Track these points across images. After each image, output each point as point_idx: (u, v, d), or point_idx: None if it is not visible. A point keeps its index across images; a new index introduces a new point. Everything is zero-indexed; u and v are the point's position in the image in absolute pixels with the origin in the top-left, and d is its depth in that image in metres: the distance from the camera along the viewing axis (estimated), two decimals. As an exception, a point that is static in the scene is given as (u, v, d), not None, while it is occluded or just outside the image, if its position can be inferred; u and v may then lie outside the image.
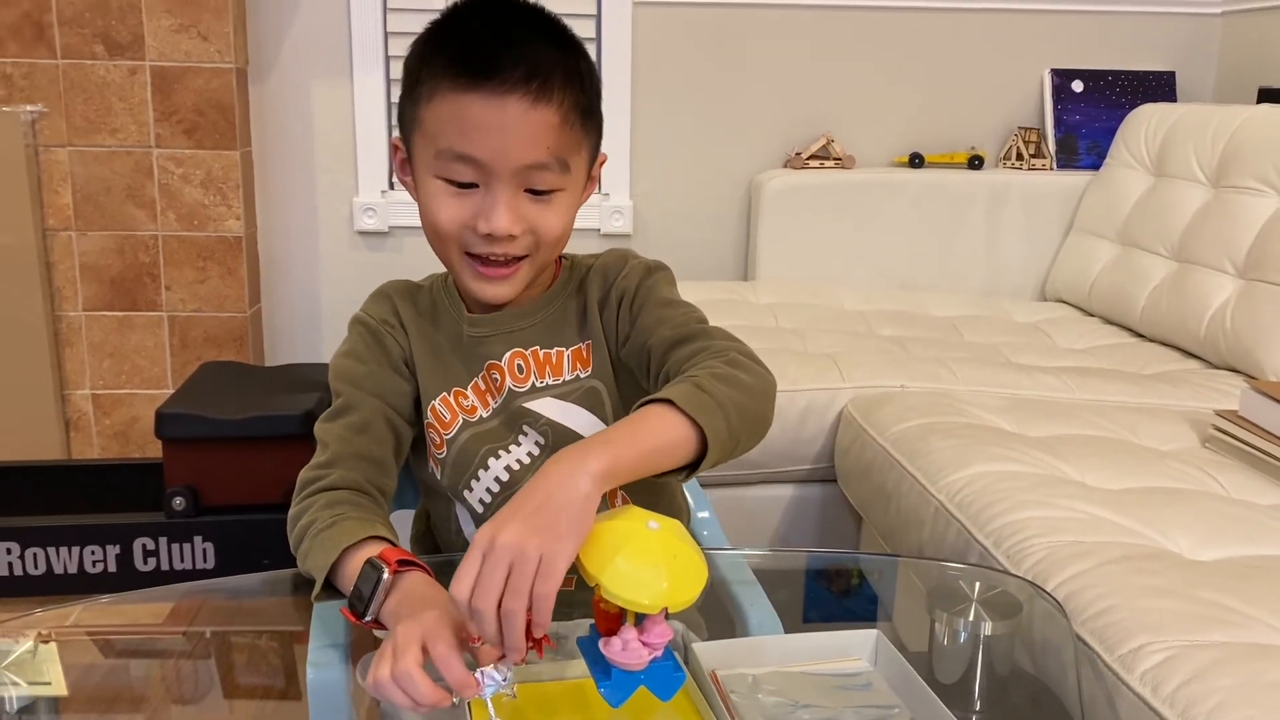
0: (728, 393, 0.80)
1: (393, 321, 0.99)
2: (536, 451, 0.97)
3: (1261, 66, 2.41)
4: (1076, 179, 2.46)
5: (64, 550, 1.91)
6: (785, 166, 2.52)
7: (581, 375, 0.98)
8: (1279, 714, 0.81)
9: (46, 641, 0.94)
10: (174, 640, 1.17)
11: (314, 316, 2.56)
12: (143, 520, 1.92)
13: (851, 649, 0.87)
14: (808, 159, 2.48)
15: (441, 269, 1.00)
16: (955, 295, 2.37)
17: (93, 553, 1.92)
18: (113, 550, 1.92)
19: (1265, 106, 2.07)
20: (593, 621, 0.74)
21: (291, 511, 0.93)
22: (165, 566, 1.93)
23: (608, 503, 0.97)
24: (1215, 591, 0.98)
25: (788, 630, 0.95)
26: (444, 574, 0.77)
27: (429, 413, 0.98)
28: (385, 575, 0.79)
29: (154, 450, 2.21)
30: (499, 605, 0.67)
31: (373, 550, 0.83)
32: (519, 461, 0.97)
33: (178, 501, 1.91)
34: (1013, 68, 2.57)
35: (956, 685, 0.91)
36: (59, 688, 0.94)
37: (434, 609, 0.74)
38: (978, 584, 0.99)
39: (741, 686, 0.82)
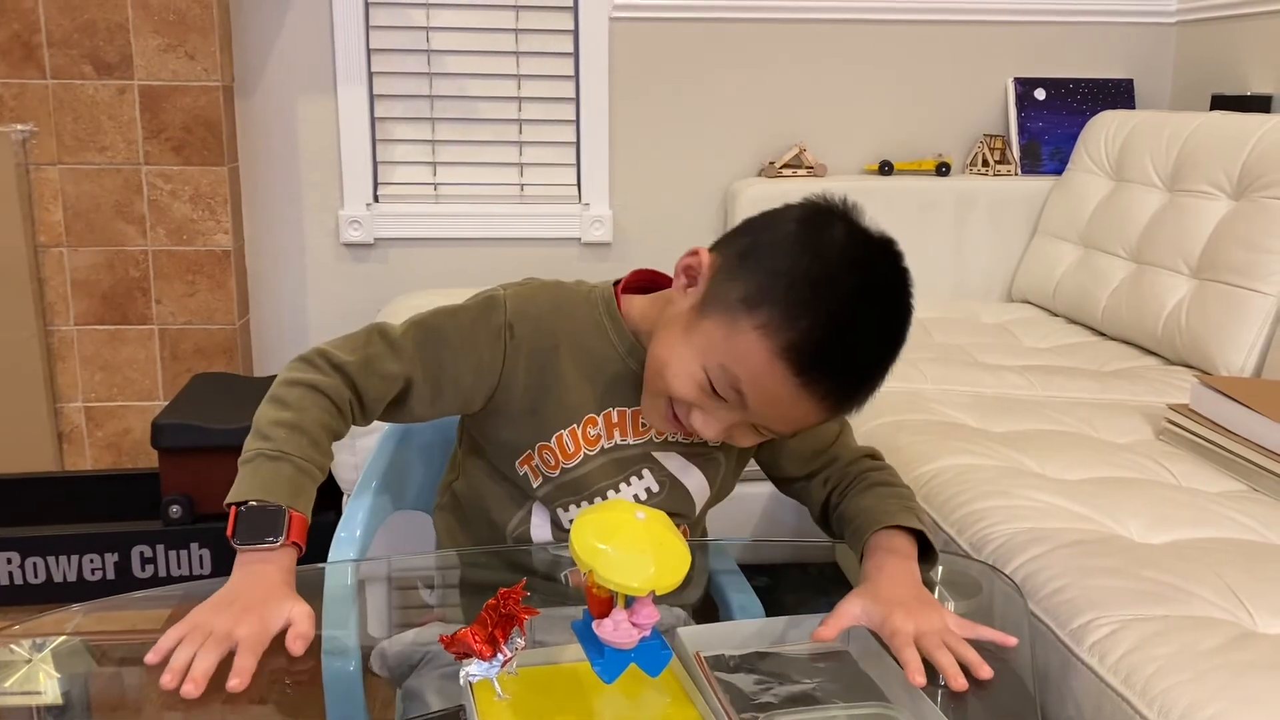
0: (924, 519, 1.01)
1: (521, 330, 0.97)
2: (645, 496, 1.01)
3: (1214, 74, 2.49)
4: (1040, 184, 2.54)
5: (63, 559, 1.95)
6: (760, 175, 2.59)
7: (711, 444, 1.00)
8: (1212, 677, 0.88)
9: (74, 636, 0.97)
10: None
11: (301, 327, 2.61)
12: (140, 528, 1.97)
13: (817, 628, 0.93)
14: (781, 168, 2.55)
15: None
16: (925, 298, 2.37)
17: (91, 561, 1.96)
18: (111, 558, 1.96)
19: (1217, 113, 2.15)
20: (586, 607, 0.80)
21: (280, 382, 0.95)
22: (163, 573, 1.97)
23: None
24: (1159, 571, 1.05)
25: (768, 614, 1.01)
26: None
27: (553, 440, 0.99)
28: (277, 541, 0.85)
29: (147, 461, 2.26)
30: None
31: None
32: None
33: (174, 510, 1.96)
34: (978, 77, 2.65)
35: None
36: (56, 697, 0.96)
37: (259, 618, 0.81)
38: (941, 569, 1.05)
39: (724, 666, 0.87)
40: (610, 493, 1.01)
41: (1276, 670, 0.90)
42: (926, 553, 0.99)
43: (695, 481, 1.04)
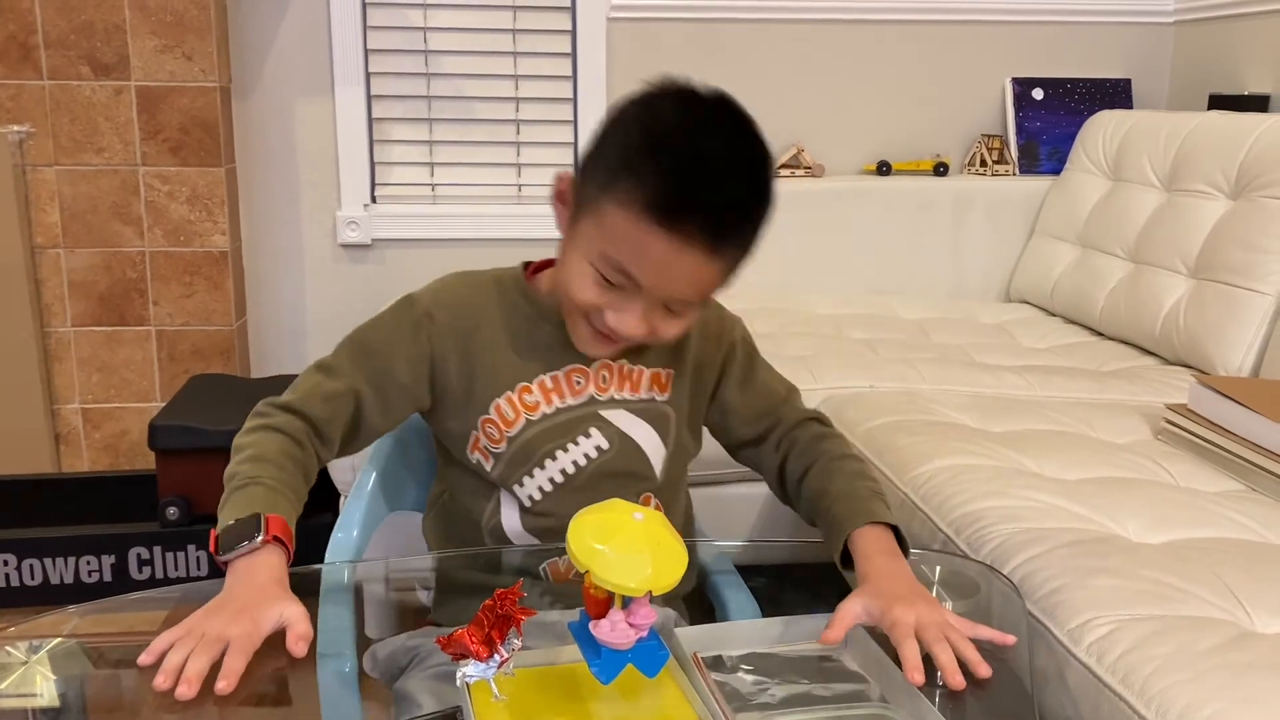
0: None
1: (438, 317, 1.01)
2: (595, 455, 1.02)
3: (1212, 73, 2.49)
4: (1038, 184, 2.54)
5: (60, 561, 1.95)
6: (757, 175, 2.59)
7: (657, 398, 1.04)
8: (1210, 677, 0.88)
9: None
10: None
11: (299, 328, 2.61)
12: (137, 530, 1.97)
13: (823, 631, 0.93)
14: (779, 168, 2.55)
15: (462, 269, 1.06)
16: (923, 298, 2.44)
17: (88, 563, 1.95)
18: (108, 560, 1.96)
19: (1215, 113, 2.15)
20: (583, 607, 0.80)
21: (237, 439, 0.97)
22: (160, 575, 1.97)
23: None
24: (1157, 571, 1.05)
25: (764, 615, 1.01)
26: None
27: (491, 409, 1.01)
28: (256, 539, 0.86)
29: (144, 462, 2.25)
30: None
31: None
32: (575, 463, 1.02)
33: (171, 511, 1.96)
34: (976, 77, 2.65)
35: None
36: (52, 700, 0.96)
37: (251, 619, 0.82)
38: (939, 568, 1.05)
39: (721, 667, 0.87)
40: (559, 453, 1.01)
41: (1275, 670, 0.90)
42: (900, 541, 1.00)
43: (645, 436, 1.04)
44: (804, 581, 1.12)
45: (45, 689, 0.92)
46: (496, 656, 0.75)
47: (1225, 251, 1.89)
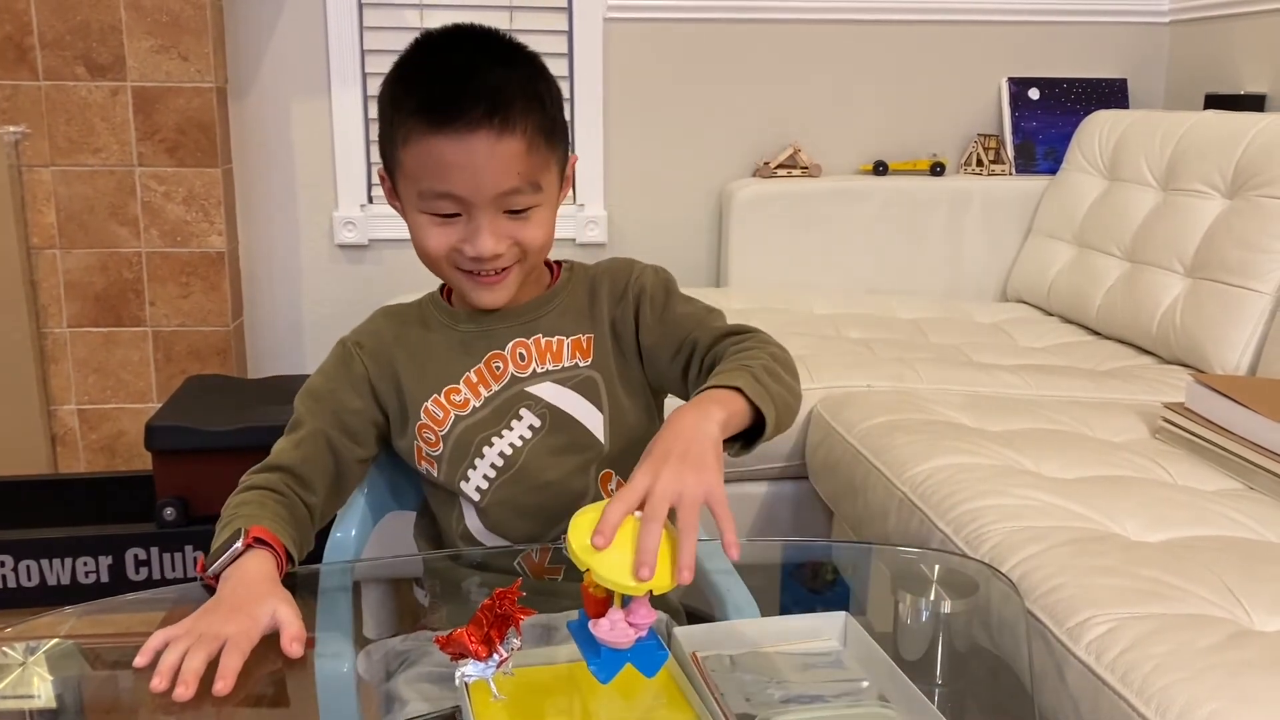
0: (776, 389, 0.92)
1: (365, 343, 1.06)
2: (529, 434, 1.03)
3: (1208, 73, 2.50)
4: (1034, 184, 2.54)
5: (57, 562, 1.94)
6: (754, 176, 2.59)
7: (580, 364, 1.04)
8: (1209, 675, 0.88)
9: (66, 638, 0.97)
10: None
11: (296, 329, 2.61)
12: (134, 531, 1.96)
13: (822, 630, 0.92)
14: (776, 168, 2.55)
15: (431, 282, 1.07)
16: (919, 298, 2.45)
17: (85, 564, 1.95)
18: (105, 561, 1.95)
19: (1211, 112, 2.16)
20: (582, 608, 0.80)
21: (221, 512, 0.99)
22: (157, 576, 1.96)
23: (600, 491, 1.03)
24: (1156, 569, 1.05)
25: (763, 614, 1.00)
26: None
27: (422, 414, 1.04)
28: (238, 545, 0.88)
29: (141, 463, 2.24)
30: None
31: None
32: (512, 445, 1.03)
33: (168, 512, 1.95)
34: (972, 77, 2.65)
35: (920, 661, 0.97)
36: (49, 701, 0.96)
37: (247, 616, 0.82)
38: (938, 567, 1.05)
39: (720, 666, 0.87)
40: (495, 439, 1.02)
41: (1273, 668, 0.90)
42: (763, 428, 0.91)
43: (577, 405, 1.04)
44: (804, 580, 1.12)
45: (42, 690, 0.92)
46: (495, 656, 0.75)
47: (1222, 251, 1.89)
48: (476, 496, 1.04)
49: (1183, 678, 0.88)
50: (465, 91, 0.92)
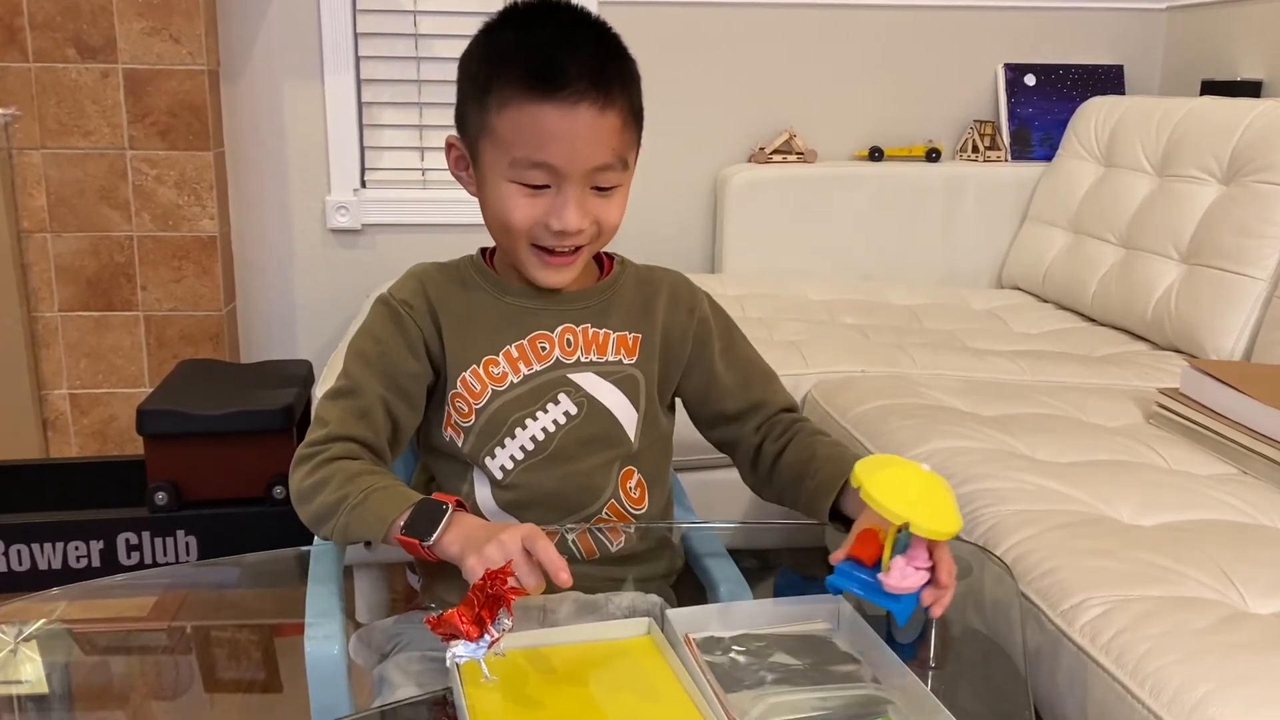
0: None
1: (414, 303, 1.03)
2: (564, 420, 1.02)
3: (1204, 59, 2.49)
4: (1030, 170, 2.54)
5: (48, 547, 1.94)
6: (750, 161, 2.58)
7: (625, 361, 1.04)
8: (1203, 657, 0.88)
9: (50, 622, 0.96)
10: (156, 636, 1.18)
11: (288, 314, 2.59)
12: (126, 515, 1.96)
13: (816, 612, 0.92)
14: (771, 154, 2.54)
15: (452, 256, 1.08)
16: (915, 284, 2.44)
17: (77, 548, 1.95)
18: (96, 545, 1.95)
19: (1207, 98, 2.15)
20: (843, 559, 0.84)
21: (304, 485, 0.96)
22: (149, 560, 1.96)
23: (619, 488, 1.04)
24: (1150, 552, 1.05)
25: (756, 597, 1.00)
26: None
27: (459, 384, 1.02)
28: (449, 509, 0.88)
29: (133, 448, 2.24)
30: None
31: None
32: (545, 430, 1.01)
33: (160, 496, 1.95)
34: (968, 63, 2.65)
35: (913, 644, 0.98)
36: (39, 685, 0.96)
37: (520, 529, 0.84)
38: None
39: (714, 648, 0.87)
40: (528, 421, 1.01)
41: (1267, 650, 0.90)
42: None
43: (615, 400, 1.03)
44: (796, 563, 1.12)
45: (32, 672, 0.92)
46: (487, 636, 0.75)
47: (1217, 237, 1.89)
48: (499, 475, 1.02)
49: (1176, 660, 0.88)
50: (573, 62, 0.92)
